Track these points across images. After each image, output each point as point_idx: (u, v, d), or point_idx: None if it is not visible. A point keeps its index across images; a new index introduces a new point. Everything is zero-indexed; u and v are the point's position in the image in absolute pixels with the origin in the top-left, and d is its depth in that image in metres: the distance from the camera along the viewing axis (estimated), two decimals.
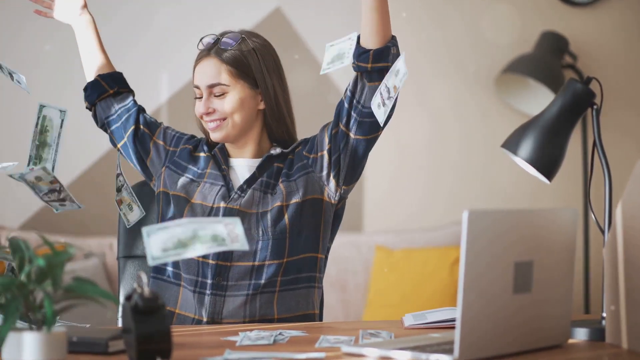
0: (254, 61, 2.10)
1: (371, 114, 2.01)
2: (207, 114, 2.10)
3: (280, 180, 2.11)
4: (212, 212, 2.09)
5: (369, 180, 3.99)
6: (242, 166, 2.15)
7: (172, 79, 3.90)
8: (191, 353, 1.57)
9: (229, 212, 2.07)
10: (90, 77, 2.25)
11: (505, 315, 1.49)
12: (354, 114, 2.06)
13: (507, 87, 3.94)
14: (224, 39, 2.11)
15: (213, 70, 2.09)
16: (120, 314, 2.20)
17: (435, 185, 4.02)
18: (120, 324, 2.18)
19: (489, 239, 1.45)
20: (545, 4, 4.00)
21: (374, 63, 2.01)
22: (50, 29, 3.68)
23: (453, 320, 1.87)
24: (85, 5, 2.22)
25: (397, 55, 2.01)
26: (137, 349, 1.39)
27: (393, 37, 2.03)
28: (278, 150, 2.14)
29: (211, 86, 2.09)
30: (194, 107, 2.13)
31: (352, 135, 2.08)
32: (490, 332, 1.47)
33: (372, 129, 2.07)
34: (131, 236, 2.28)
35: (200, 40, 2.13)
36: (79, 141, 3.78)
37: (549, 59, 3.82)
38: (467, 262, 1.41)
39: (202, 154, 2.18)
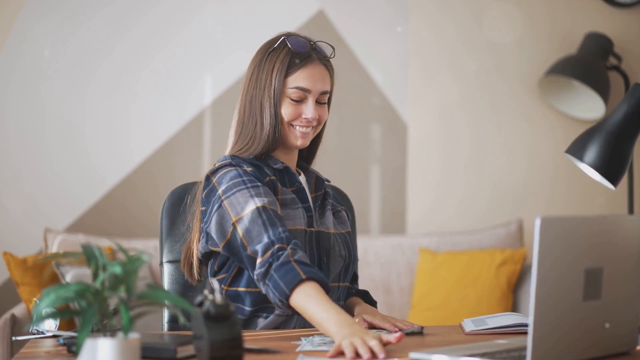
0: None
1: None
2: (312, 119, 2.00)
3: (340, 207, 2.12)
4: (306, 235, 1.97)
5: (412, 183, 3.98)
6: (305, 185, 2.07)
7: (216, 82, 3.90)
8: (262, 358, 1.57)
9: (317, 235, 2.00)
10: None
11: (576, 322, 1.48)
12: None
13: (551, 89, 3.92)
14: (323, 44, 2.03)
15: (326, 77, 2.01)
16: (166, 319, 2.20)
17: (478, 187, 4.00)
18: (167, 329, 2.18)
19: (560, 246, 1.43)
20: (589, 5, 3.97)
21: None
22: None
23: (515, 325, 1.86)
24: None
25: None
26: (209, 356, 1.40)
27: None
28: (322, 176, 2.12)
29: (324, 93, 2.01)
30: (284, 109, 1.98)
31: None
32: (561, 339, 1.46)
33: None
34: (173, 241, 2.23)
35: (292, 39, 2.00)
36: (121, 145, 3.80)
37: (594, 61, 3.79)
38: (539, 268, 1.40)
39: (268, 179, 1.99)
